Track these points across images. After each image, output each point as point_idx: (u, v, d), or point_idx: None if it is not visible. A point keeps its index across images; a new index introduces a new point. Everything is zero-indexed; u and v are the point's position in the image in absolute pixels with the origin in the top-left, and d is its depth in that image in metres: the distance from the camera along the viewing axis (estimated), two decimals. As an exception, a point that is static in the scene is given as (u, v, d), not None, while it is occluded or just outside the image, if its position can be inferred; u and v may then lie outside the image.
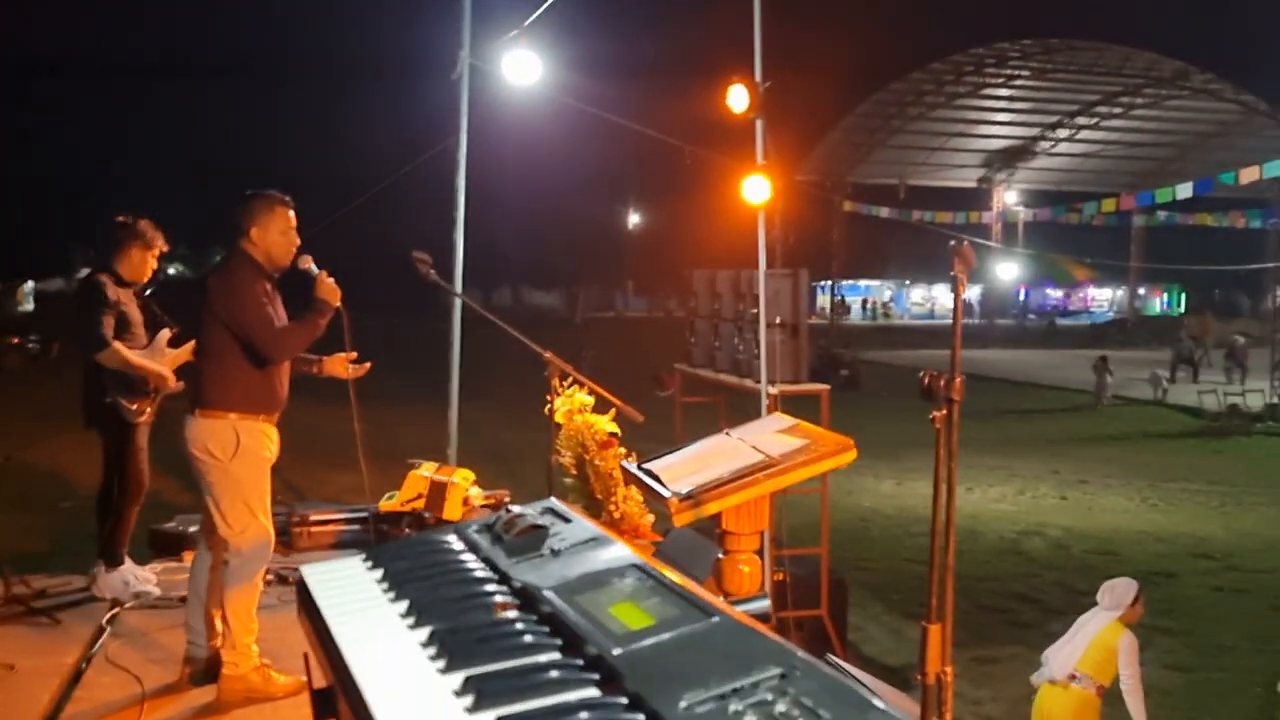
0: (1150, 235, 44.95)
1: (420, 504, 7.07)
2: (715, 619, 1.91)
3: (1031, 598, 10.33)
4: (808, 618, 8.00)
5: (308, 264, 4.91)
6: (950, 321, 2.75)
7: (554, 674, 1.81)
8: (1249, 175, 27.18)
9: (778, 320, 8.45)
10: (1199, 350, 33.43)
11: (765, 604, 2.65)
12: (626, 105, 12.15)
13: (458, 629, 2.05)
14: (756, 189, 7.66)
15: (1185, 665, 8.74)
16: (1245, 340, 32.79)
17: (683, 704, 1.61)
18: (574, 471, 6.81)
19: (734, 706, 1.60)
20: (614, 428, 6.68)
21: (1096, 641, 5.85)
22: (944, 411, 3.20)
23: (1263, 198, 31.95)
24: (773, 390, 8.09)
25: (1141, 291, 59.89)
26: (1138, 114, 35.67)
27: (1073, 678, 5.86)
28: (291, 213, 4.87)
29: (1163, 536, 13.36)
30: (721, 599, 2.48)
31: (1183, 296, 63.87)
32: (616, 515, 6.40)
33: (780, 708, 1.59)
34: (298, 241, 4.89)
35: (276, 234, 4.80)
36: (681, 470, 4.51)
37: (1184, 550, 12.69)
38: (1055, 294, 68.08)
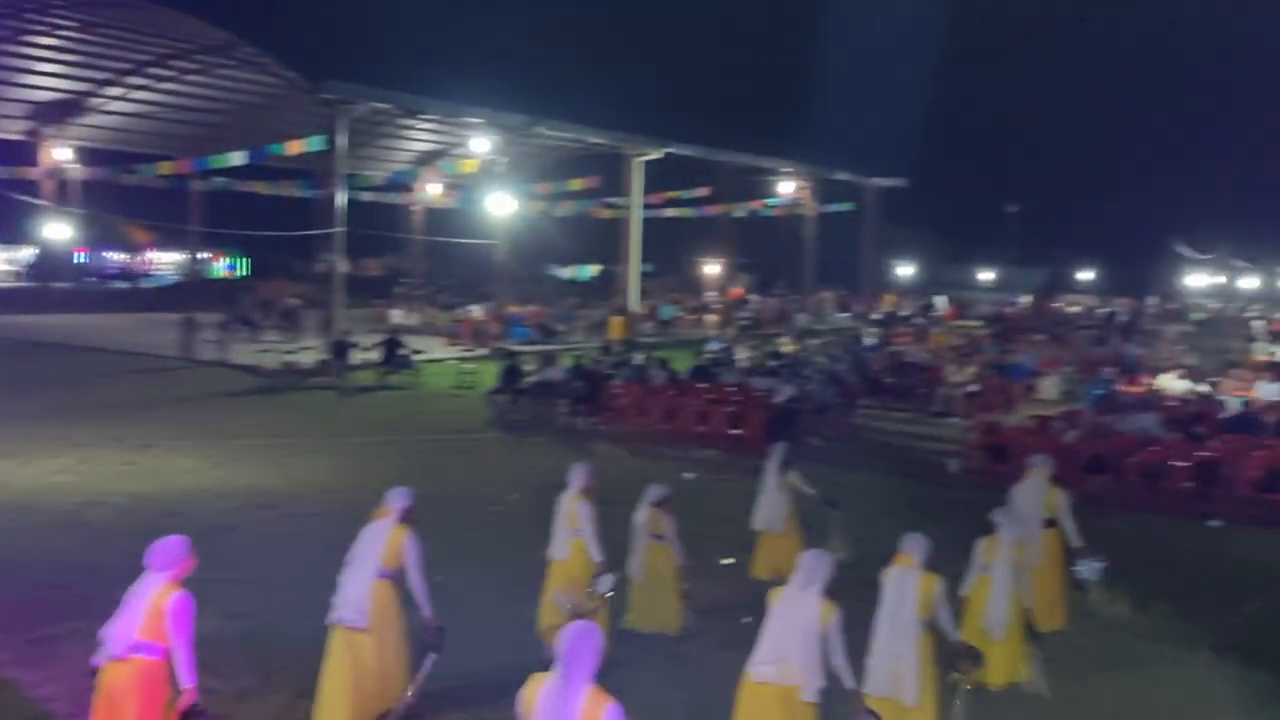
0: (210, 200, 45.76)
1: None
2: None
3: (95, 568, 10.03)
4: None
5: None
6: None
7: None
8: (295, 147, 29.22)
9: None
10: (261, 312, 35.14)
11: None
12: None
13: None
14: None
15: (249, 611, 9.24)
16: (298, 303, 35.27)
17: None
18: None
19: None
20: None
21: (151, 607, 5.79)
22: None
23: (309, 169, 34.51)
24: None
25: (205, 255, 60.81)
26: (191, 79, 36.05)
27: (136, 649, 5.73)
28: None
29: (226, 492, 13.91)
30: None
31: (246, 260, 66.32)
32: None
33: None
34: None
35: None
36: None
37: (246, 503, 13.36)
38: (117, 257, 66.09)
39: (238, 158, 31.50)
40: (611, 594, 8.47)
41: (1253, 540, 13.46)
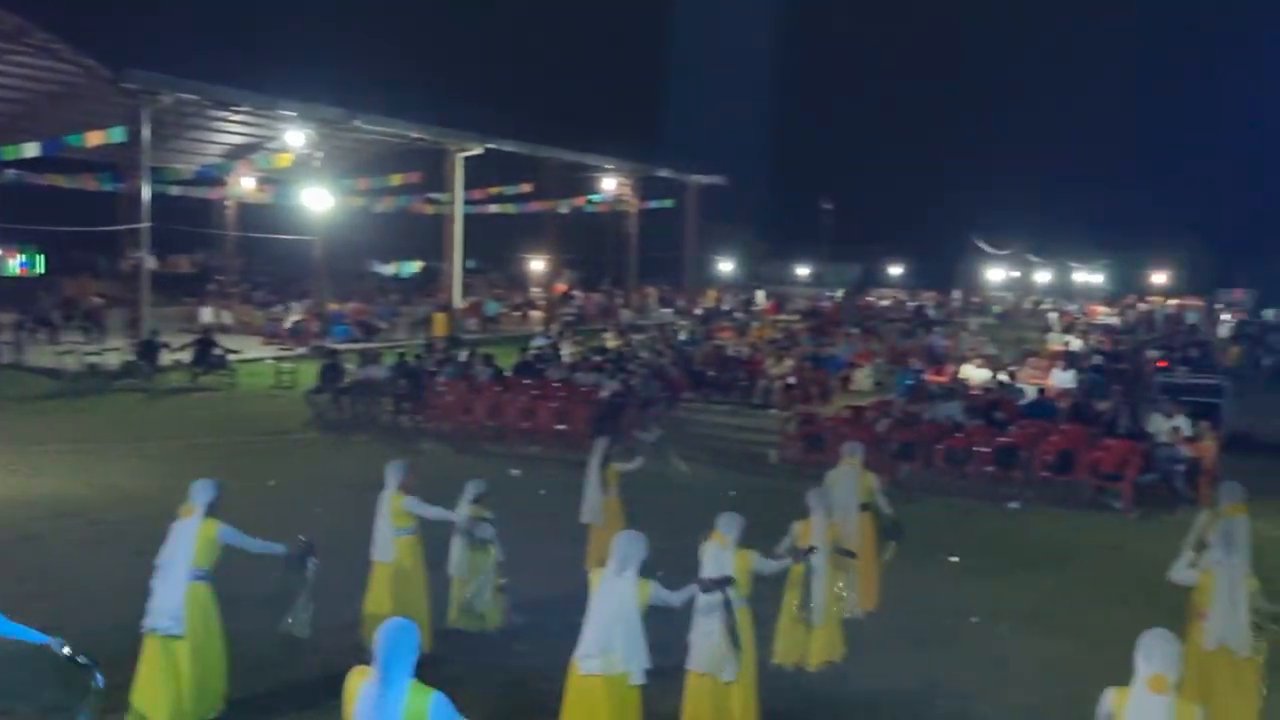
0: (1, 193, 43.06)
1: None
2: None
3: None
4: None
5: None
6: None
7: None
8: (96, 138, 27.84)
9: None
10: (61, 312, 33.36)
11: None
12: None
13: None
14: None
15: (54, 624, 8.72)
16: (102, 302, 33.61)
17: None
18: None
19: None
20: None
21: None
22: None
23: (113, 161, 32.88)
24: None
25: (-3, 252, 57.29)
26: (-19, 66, 33.85)
27: None
28: None
29: (26, 501, 13.22)
30: None
31: (42, 258, 62.77)
32: None
33: None
34: None
35: None
36: None
37: (48, 511, 12.73)
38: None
39: (32, 149, 29.76)
40: (494, 542, 8.87)
41: (1048, 520, 14.33)
